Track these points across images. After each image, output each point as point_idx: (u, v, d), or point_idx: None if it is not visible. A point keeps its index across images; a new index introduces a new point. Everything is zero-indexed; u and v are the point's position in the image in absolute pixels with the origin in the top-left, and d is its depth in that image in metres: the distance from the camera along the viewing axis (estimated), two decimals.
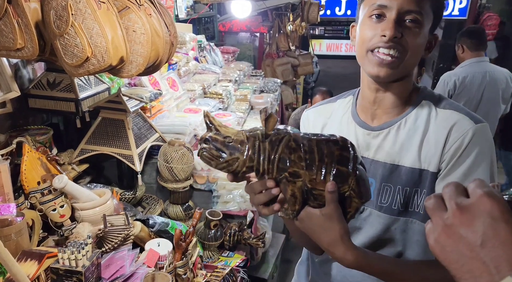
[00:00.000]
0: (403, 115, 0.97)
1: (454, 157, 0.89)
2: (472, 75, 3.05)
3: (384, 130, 0.98)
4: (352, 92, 1.10)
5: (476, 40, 3.11)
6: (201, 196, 1.99)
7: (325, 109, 1.13)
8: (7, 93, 1.48)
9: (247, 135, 0.72)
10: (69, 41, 1.14)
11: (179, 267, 1.41)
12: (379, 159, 0.98)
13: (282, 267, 2.78)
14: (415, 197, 0.95)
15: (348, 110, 1.07)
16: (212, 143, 0.72)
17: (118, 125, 1.73)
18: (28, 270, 1.12)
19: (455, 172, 0.89)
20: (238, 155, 0.72)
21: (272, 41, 5.19)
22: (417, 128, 0.95)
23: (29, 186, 1.38)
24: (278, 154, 0.71)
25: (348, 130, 1.04)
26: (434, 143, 0.92)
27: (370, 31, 0.89)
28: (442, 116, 0.94)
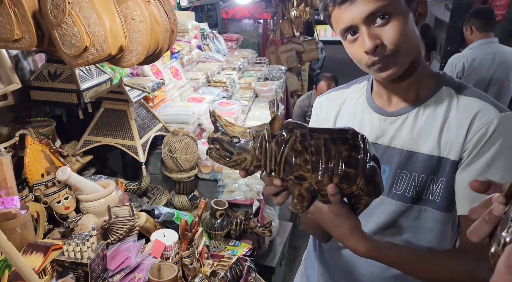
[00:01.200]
0: (422, 100, 0.94)
1: (477, 146, 0.86)
2: (481, 57, 2.98)
3: (402, 116, 0.95)
4: (366, 77, 1.07)
5: (484, 20, 3.02)
6: (206, 185, 1.98)
7: (338, 95, 1.10)
8: (8, 85, 1.46)
9: (254, 135, 0.71)
10: (66, 31, 1.12)
11: (185, 257, 1.41)
12: (395, 146, 0.95)
13: (289, 255, 2.78)
14: (431, 185, 0.92)
15: (363, 96, 1.04)
16: (219, 143, 0.71)
17: (120, 115, 1.71)
18: (34, 263, 1.12)
19: (478, 161, 0.86)
20: (246, 155, 0.71)
21: (276, 28, 5.12)
22: (437, 115, 0.92)
23: (33, 178, 1.37)
24: (284, 157, 0.70)
25: (363, 115, 1.01)
26: (456, 131, 0.89)
27: (355, 53, 0.88)
28: (464, 103, 0.90)
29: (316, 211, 0.77)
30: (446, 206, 0.92)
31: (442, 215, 0.93)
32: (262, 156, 0.71)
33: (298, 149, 0.70)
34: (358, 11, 0.82)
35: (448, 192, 0.91)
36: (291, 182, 0.73)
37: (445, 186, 0.91)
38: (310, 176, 0.71)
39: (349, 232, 0.77)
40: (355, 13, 0.82)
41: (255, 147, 0.71)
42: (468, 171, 0.87)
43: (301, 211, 0.77)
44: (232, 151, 0.71)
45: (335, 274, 1.13)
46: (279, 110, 2.99)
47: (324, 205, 0.75)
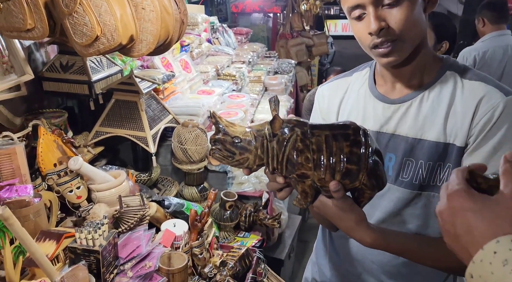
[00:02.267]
0: (426, 86, 0.92)
1: (483, 131, 0.85)
2: (493, 49, 2.92)
3: (406, 103, 0.93)
4: (369, 64, 1.05)
5: (497, 12, 2.96)
6: (216, 177, 1.99)
7: (341, 84, 1.08)
8: (21, 76, 1.48)
9: (255, 134, 0.72)
10: (78, 20, 1.12)
11: (195, 247, 1.41)
12: (400, 133, 0.94)
13: (298, 248, 2.78)
14: (438, 171, 0.91)
15: (365, 83, 1.02)
16: (221, 144, 0.72)
17: (131, 107, 1.73)
18: (47, 250, 1.14)
19: (485, 146, 0.85)
20: (248, 155, 0.72)
21: (285, 21, 5.09)
22: (442, 100, 0.90)
23: (46, 168, 1.39)
24: (285, 156, 0.71)
25: (366, 104, 1.00)
26: (461, 116, 0.87)
27: (359, 32, 0.87)
28: (469, 87, 0.89)
29: (321, 205, 0.78)
30: None
31: None
32: (264, 155, 0.72)
33: (300, 148, 0.70)
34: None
35: None
36: (294, 180, 0.73)
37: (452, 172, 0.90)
38: (312, 174, 0.71)
39: (355, 224, 0.79)
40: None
41: (256, 146, 0.71)
42: (475, 156, 0.86)
43: (305, 206, 0.78)
44: (234, 152, 0.72)
45: (345, 262, 1.13)
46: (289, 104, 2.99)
47: (328, 200, 0.76)
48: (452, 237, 0.48)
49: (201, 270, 1.42)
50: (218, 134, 0.73)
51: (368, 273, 1.09)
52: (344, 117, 1.04)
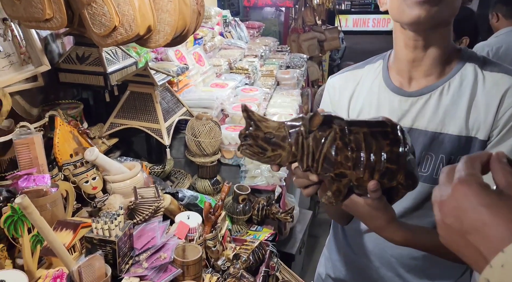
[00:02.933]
0: (446, 78, 0.90)
1: (508, 123, 0.83)
2: (507, 45, 2.84)
3: (425, 96, 0.91)
4: (382, 56, 1.03)
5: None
6: (229, 170, 1.98)
7: (352, 76, 1.06)
8: (38, 66, 1.49)
9: (289, 131, 0.69)
10: (96, 10, 1.12)
11: (209, 240, 1.42)
12: (418, 127, 0.92)
13: (309, 243, 2.78)
14: None
15: (379, 76, 0.99)
16: (253, 139, 0.69)
17: (146, 98, 1.73)
18: (64, 239, 1.15)
19: (510, 139, 0.83)
20: (281, 152, 0.69)
21: (298, 16, 5.05)
22: (463, 92, 0.88)
23: (62, 158, 1.40)
24: (323, 154, 0.67)
25: (380, 97, 0.97)
26: (484, 109, 0.85)
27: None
28: (492, 79, 0.87)
29: (351, 204, 0.76)
30: None
31: None
32: (299, 152, 0.69)
33: (339, 146, 0.67)
34: None
35: None
36: (330, 179, 0.70)
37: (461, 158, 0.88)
38: (351, 173, 0.68)
39: (386, 223, 0.77)
40: None
41: (291, 143, 0.68)
42: (500, 148, 0.84)
43: (335, 204, 0.75)
44: (266, 148, 0.69)
45: (361, 257, 1.12)
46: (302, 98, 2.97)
47: (360, 198, 0.74)
48: (455, 233, 0.43)
49: (214, 262, 1.42)
50: (249, 129, 0.69)
51: (386, 267, 1.08)
52: (357, 110, 1.01)
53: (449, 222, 0.44)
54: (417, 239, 0.82)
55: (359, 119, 0.74)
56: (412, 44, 0.89)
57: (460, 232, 0.42)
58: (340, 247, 1.22)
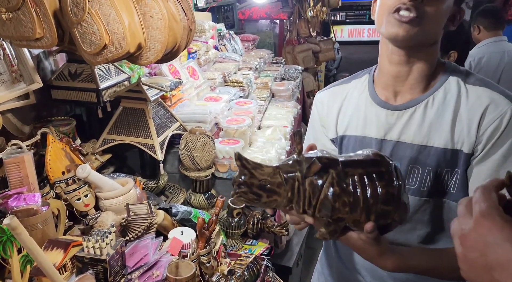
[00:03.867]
0: (430, 92, 0.91)
1: (492, 139, 0.84)
2: (489, 55, 2.93)
3: (410, 109, 0.92)
4: (367, 71, 1.04)
5: (493, 19, 2.99)
6: (223, 184, 1.98)
7: (339, 91, 1.07)
8: (30, 84, 1.49)
9: (285, 177, 0.69)
10: (86, 29, 1.13)
11: (203, 255, 1.40)
12: (404, 140, 0.93)
13: (306, 255, 2.76)
14: (446, 178, 0.90)
15: (365, 90, 1.01)
16: (247, 187, 0.69)
17: (139, 114, 1.73)
18: (55, 259, 1.13)
19: (494, 155, 0.84)
20: (276, 197, 0.69)
21: (292, 28, 5.10)
22: (447, 106, 0.89)
23: (54, 176, 1.39)
24: (320, 200, 0.68)
25: (367, 111, 0.98)
26: (467, 123, 0.87)
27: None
28: (474, 93, 0.88)
29: (345, 238, 0.78)
30: (462, 196, 0.90)
31: None
32: (295, 198, 0.69)
33: (337, 193, 0.67)
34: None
35: (464, 183, 0.89)
36: (327, 223, 0.71)
37: (461, 177, 0.89)
38: (348, 217, 0.69)
39: (378, 255, 0.79)
40: None
41: (286, 189, 0.69)
42: (485, 164, 0.85)
43: (330, 239, 0.76)
44: (261, 194, 0.69)
45: (353, 272, 1.11)
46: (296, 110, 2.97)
47: (354, 234, 0.76)
48: (479, 268, 0.42)
49: (209, 278, 1.40)
50: (244, 177, 0.69)
51: (377, 281, 1.07)
52: (344, 125, 1.02)
53: (472, 256, 0.43)
54: (409, 264, 0.84)
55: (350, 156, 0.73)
56: (395, 59, 0.91)
57: (485, 267, 0.42)
58: (331, 261, 1.21)
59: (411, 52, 0.88)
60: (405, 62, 0.90)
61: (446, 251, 0.92)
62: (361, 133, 0.99)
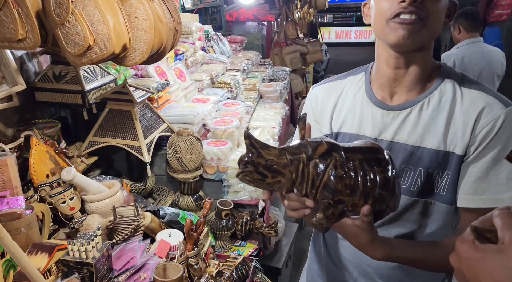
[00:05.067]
0: (426, 94, 0.93)
1: (484, 141, 0.86)
2: (469, 55, 3.13)
3: (406, 110, 0.93)
4: (364, 68, 1.05)
5: (472, 21, 3.18)
6: (211, 186, 1.97)
7: (334, 86, 1.07)
8: (13, 86, 1.47)
9: (290, 158, 0.70)
10: (70, 30, 1.11)
11: (191, 257, 1.39)
12: (398, 140, 0.94)
13: (295, 256, 2.76)
14: (436, 179, 0.92)
15: (362, 88, 1.01)
16: (254, 166, 0.70)
17: (125, 116, 1.71)
18: (39, 263, 1.11)
19: (485, 157, 0.86)
20: (280, 178, 0.70)
21: (280, 29, 5.12)
22: (442, 108, 0.90)
23: (38, 179, 1.37)
24: (323, 181, 0.70)
25: (363, 110, 0.99)
26: (462, 125, 0.88)
27: (389, 2, 0.84)
28: (469, 97, 0.90)
29: (339, 225, 0.79)
30: (451, 198, 0.92)
31: (447, 208, 0.93)
32: (298, 179, 0.70)
33: (339, 174, 0.69)
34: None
35: (454, 185, 0.91)
36: (327, 205, 0.72)
37: (451, 180, 0.91)
38: (348, 200, 0.71)
39: (369, 242, 0.81)
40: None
41: (291, 170, 0.70)
42: (476, 166, 0.87)
43: (324, 225, 0.77)
44: (267, 174, 0.70)
45: (340, 267, 1.13)
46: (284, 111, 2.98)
47: (348, 220, 0.78)
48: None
49: (197, 280, 1.40)
50: (251, 155, 0.70)
51: (364, 277, 1.08)
52: (340, 121, 1.03)
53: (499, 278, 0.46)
54: (397, 254, 0.85)
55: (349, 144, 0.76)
56: (393, 63, 0.91)
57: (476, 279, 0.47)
58: (319, 257, 1.22)
59: (409, 56, 0.89)
60: (403, 65, 0.91)
61: (434, 244, 0.94)
62: (356, 131, 1.00)
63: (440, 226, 0.97)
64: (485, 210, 0.87)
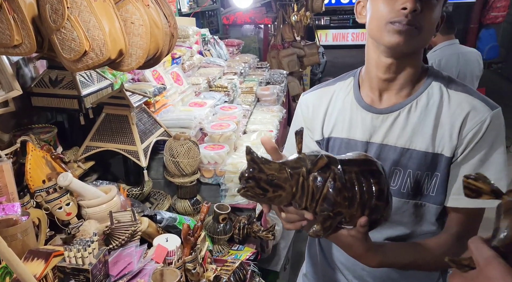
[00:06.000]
0: (413, 96, 0.94)
1: (471, 143, 0.88)
2: (446, 58, 3.16)
3: (394, 113, 0.94)
4: (352, 73, 1.06)
5: (447, 24, 3.31)
6: (208, 190, 1.97)
7: (324, 92, 1.08)
8: (9, 92, 1.47)
9: (291, 172, 0.71)
10: (66, 35, 1.12)
11: (188, 262, 1.39)
12: (388, 143, 0.95)
13: (293, 259, 2.76)
14: (426, 180, 0.93)
15: (350, 93, 1.02)
16: (255, 181, 0.71)
17: (122, 120, 1.71)
18: (35, 270, 1.11)
19: (472, 159, 0.88)
20: (281, 192, 0.72)
21: (277, 32, 5.13)
22: (430, 111, 0.91)
23: (34, 185, 1.37)
24: (323, 194, 0.71)
25: (352, 114, 1.00)
26: (449, 128, 0.89)
27: (388, 5, 0.84)
28: (456, 99, 0.91)
29: (335, 236, 0.80)
30: (441, 199, 0.94)
31: (437, 209, 0.95)
32: (298, 193, 0.72)
33: (338, 187, 0.71)
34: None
35: (443, 186, 0.93)
36: (326, 217, 0.73)
37: (440, 181, 0.93)
38: (346, 211, 0.73)
39: (364, 252, 0.81)
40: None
41: (291, 185, 0.71)
42: (464, 167, 0.89)
43: (321, 236, 0.78)
44: (268, 189, 0.71)
45: (336, 271, 1.13)
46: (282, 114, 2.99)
47: (344, 231, 0.78)
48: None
49: None
50: (252, 171, 0.71)
51: (359, 280, 1.09)
52: (330, 127, 1.04)
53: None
54: (390, 261, 0.86)
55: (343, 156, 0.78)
56: (384, 66, 0.92)
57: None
58: (315, 260, 1.22)
59: (400, 60, 0.90)
60: (393, 68, 0.92)
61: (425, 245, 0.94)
62: (347, 135, 1.00)
63: (431, 227, 0.98)
64: (471, 210, 0.89)
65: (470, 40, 6.62)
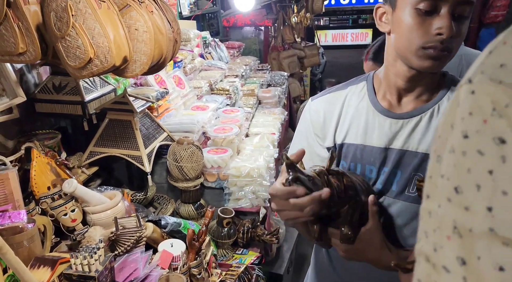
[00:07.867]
0: (434, 101, 0.93)
1: None
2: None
3: (415, 118, 0.93)
4: (364, 77, 1.03)
5: None
6: (212, 194, 1.97)
7: (335, 98, 1.04)
8: (13, 98, 1.47)
9: (316, 173, 0.86)
10: (70, 43, 1.12)
11: (194, 267, 1.39)
12: (408, 148, 0.93)
13: (297, 262, 2.76)
14: None
15: (365, 97, 1.00)
16: (301, 182, 0.83)
17: (125, 126, 1.71)
18: (42, 277, 1.11)
19: None
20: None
21: (277, 34, 5.14)
22: None
23: (40, 191, 1.37)
24: (344, 185, 0.87)
25: (369, 119, 0.98)
26: None
27: (421, 27, 0.82)
28: None
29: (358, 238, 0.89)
30: None
31: None
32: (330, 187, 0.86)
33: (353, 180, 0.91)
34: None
35: None
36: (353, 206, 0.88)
37: None
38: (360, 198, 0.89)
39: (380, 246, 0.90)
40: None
41: (322, 182, 0.84)
42: None
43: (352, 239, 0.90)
44: (312, 188, 0.82)
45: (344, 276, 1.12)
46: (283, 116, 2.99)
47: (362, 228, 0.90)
48: None
49: None
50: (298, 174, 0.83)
51: None
52: (344, 131, 1.01)
53: None
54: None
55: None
56: (406, 76, 0.91)
57: None
58: (324, 271, 1.20)
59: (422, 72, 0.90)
60: (415, 79, 0.91)
61: None
62: (362, 141, 0.98)
63: None
64: None
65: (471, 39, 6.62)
